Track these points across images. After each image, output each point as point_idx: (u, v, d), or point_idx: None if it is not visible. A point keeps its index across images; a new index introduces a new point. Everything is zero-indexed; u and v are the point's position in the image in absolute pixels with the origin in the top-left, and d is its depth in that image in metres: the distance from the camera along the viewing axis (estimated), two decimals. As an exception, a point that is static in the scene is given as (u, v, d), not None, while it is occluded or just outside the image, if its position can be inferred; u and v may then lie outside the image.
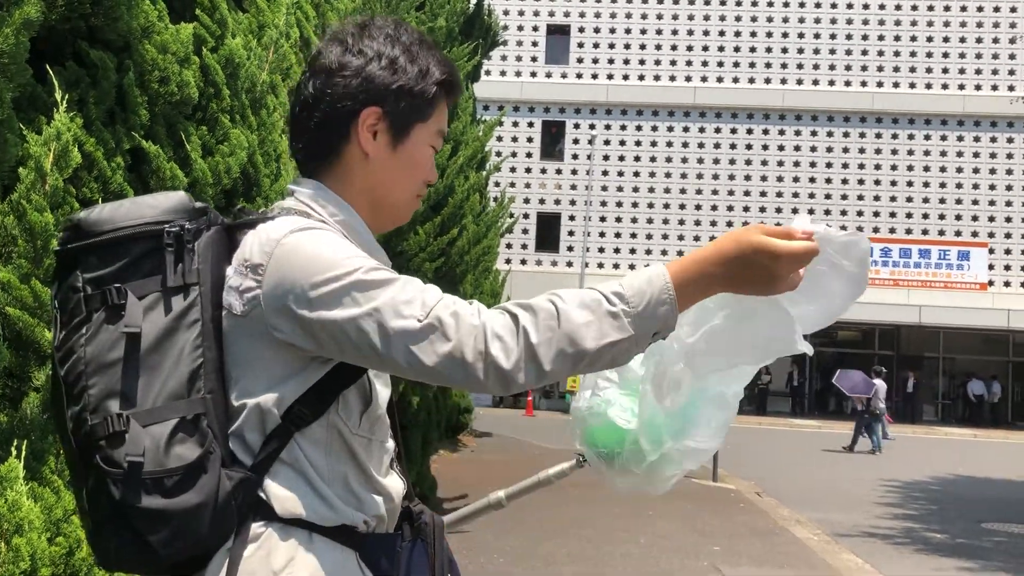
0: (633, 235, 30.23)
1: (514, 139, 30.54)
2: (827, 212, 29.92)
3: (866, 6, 30.28)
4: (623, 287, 1.21)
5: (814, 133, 30.23)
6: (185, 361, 1.23)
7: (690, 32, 30.71)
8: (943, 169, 29.79)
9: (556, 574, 6.34)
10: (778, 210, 30.02)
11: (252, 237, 1.29)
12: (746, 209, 30.08)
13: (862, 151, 30.08)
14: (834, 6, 30.41)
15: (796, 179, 30.10)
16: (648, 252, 30.10)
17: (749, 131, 30.35)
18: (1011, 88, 28.61)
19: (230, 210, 3.57)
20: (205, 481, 1.20)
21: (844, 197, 29.96)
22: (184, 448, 1.20)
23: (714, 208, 30.13)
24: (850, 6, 30.34)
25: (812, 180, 30.07)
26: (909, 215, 29.75)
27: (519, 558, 6.75)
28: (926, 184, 29.80)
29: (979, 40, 29.94)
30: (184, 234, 1.26)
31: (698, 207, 30.17)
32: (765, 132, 30.31)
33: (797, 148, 30.22)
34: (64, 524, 2.43)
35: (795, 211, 29.99)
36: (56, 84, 2.84)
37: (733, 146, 30.33)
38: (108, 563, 1.25)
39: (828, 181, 30.04)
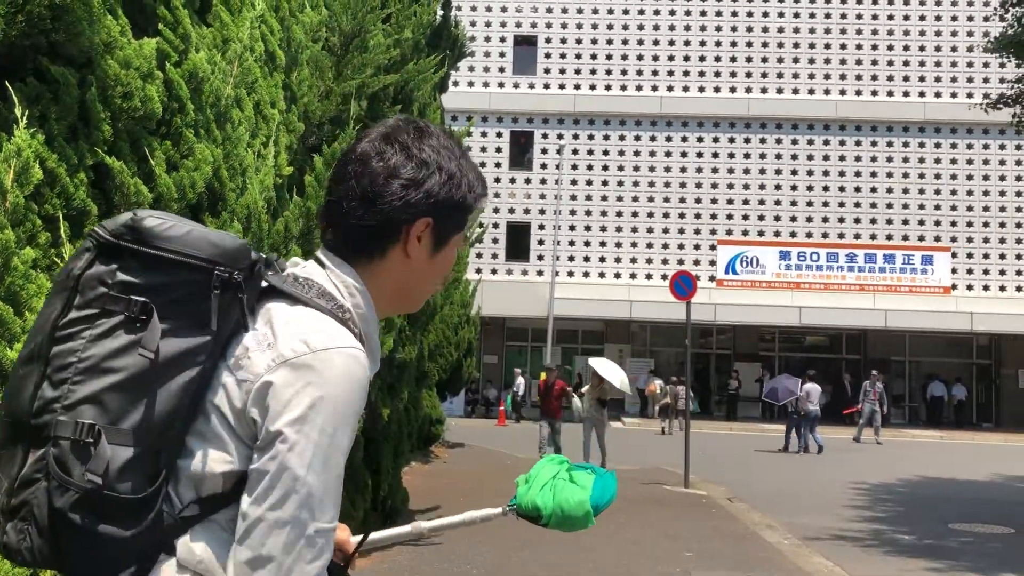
0: (602, 243, 30.37)
1: (483, 149, 30.59)
2: (792, 219, 30.27)
3: (828, 15, 30.74)
4: None
5: (779, 141, 30.61)
6: (175, 398, 1.22)
7: (656, 42, 30.99)
8: (905, 175, 30.28)
9: (529, 584, 6.34)
10: (744, 217, 30.32)
11: (283, 316, 1.28)
12: (713, 216, 30.35)
13: (827, 158, 30.50)
14: (797, 15, 30.85)
15: (762, 186, 30.43)
16: (617, 260, 30.25)
17: (715, 139, 30.66)
18: (969, 95, 29.15)
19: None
20: (147, 518, 1.19)
21: (810, 204, 30.34)
22: (137, 479, 1.19)
23: (682, 216, 30.36)
24: (812, 15, 30.80)
25: (778, 187, 30.42)
26: (873, 221, 30.18)
27: (493, 568, 6.74)
28: (889, 190, 30.26)
29: (938, 48, 30.52)
30: (236, 287, 1.26)
31: (666, 215, 30.39)
32: (731, 140, 30.63)
33: (763, 156, 30.57)
34: None
35: (761, 218, 30.35)
36: (16, 100, 2.82)
37: (700, 155, 30.62)
38: (7, 552, 1.21)
39: (794, 188, 30.40)
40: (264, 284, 1.32)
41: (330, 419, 1.20)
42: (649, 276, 29.95)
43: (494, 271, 29.94)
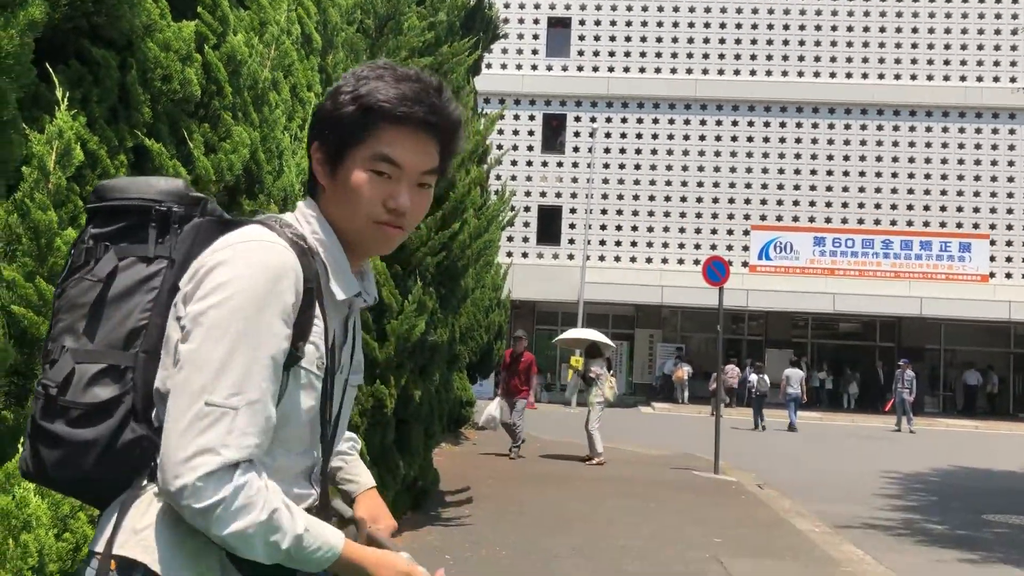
0: (634, 227, 30.23)
1: (515, 132, 30.51)
2: (828, 204, 29.91)
3: (867, -3, 30.23)
4: (309, 535, 1.30)
5: (815, 125, 30.20)
6: (132, 319, 1.38)
7: (691, 24, 30.65)
8: (944, 161, 29.76)
9: (558, 567, 6.37)
10: (779, 202, 30.01)
11: (227, 234, 1.40)
12: (747, 201, 30.07)
13: (863, 143, 30.05)
14: (835, -3, 30.36)
15: (797, 171, 30.08)
16: (649, 245, 30.10)
17: (750, 123, 30.31)
18: (1012, 79, 28.54)
19: (233, 208, 3.59)
20: (105, 424, 1.33)
21: (845, 189, 29.95)
22: (101, 390, 1.34)
23: (715, 201, 30.12)
24: (851, -3, 30.30)
25: (813, 172, 30.05)
26: (910, 207, 29.73)
27: (521, 552, 6.78)
28: (927, 176, 29.78)
29: (980, 31, 29.87)
30: (171, 215, 1.42)
31: (699, 199, 30.16)
32: (766, 125, 30.28)
33: (798, 140, 30.19)
34: (71, 520, 2.45)
35: (795, 203, 30.01)
36: (58, 83, 2.86)
37: (734, 138, 30.31)
38: (23, 471, 1.40)
39: (829, 173, 30.01)
40: (228, 218, 1.47)
41: (239, 299, 1.29)
42: (681, 261, 29.76)
43: (525, 255, 29.91)
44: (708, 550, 7.21)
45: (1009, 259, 29.23)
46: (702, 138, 30.36)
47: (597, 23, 30.93)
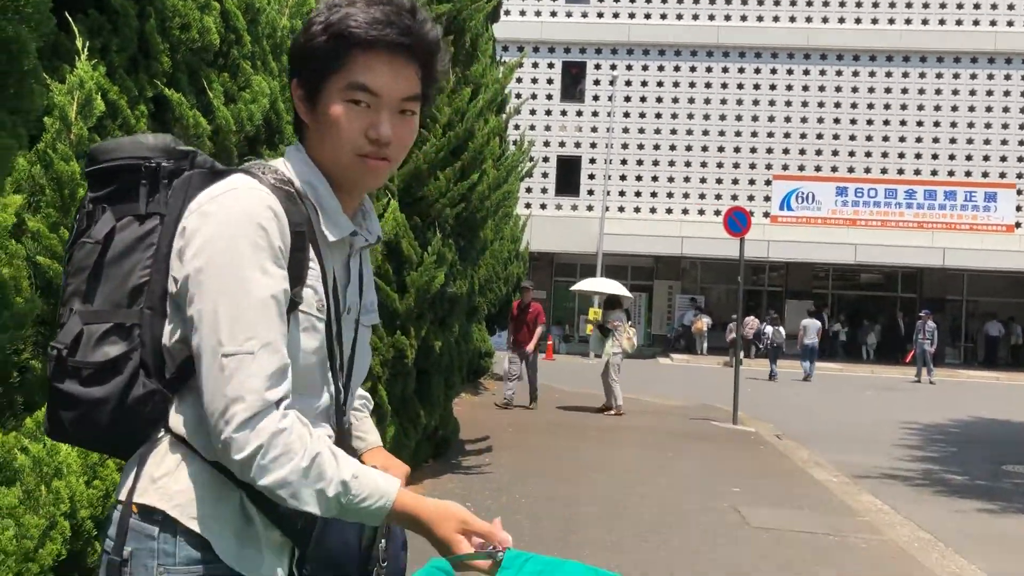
0: (654, 178, 29.98)
1: (534, 80, 30.17)
2: (851, 154, 29.50)
3: (896, -60, 29.42)
4: (358, 481, 1.30)
5: (839, 73, 29.65)
6: (133, 277, 1.39)
7: (714, -31, 30.01)
8: (971, 109, 29.20)
9: (577, 514, 6.44)
10: (801, 152, 29.63)
11: (213, 184, 1.40)
12: (769, 151, 29.71)
13: (888, 91, 29.51)
14: (863, -60, 29.57)
15: (820, 120, 29.63)
16: (669, 195, 29.87)
17: (773, 71, 29.81)
18: (1044, 24, 27.86)
19: (252, 157, 3.58)
20: (115, 381, 1.36)
21: (869, 139, 29.50)
22: (109, 348, 1.36)
23: (736, 150, 29.77)
24: (879, -60, 29.50)
25: (837, 121, 29.59)
26: (935, 156, 29.27)
27: (541, 500, 6.85)
28: (953, 124, 29.26)
29: (1012, -26, 29.07)
30: (161, 170, 1.42)
31: (720, 149, 29.82)
32: (789, 72, 29.76)
33: (821, 88, 29.68)
34: (100, 468, 2.49)
35: (818, 152, 29.62)
36: (77, 32, 2.84)
37: (756, 87, 29.83)
38: (47, 430, 1.44)
39: (853, 122, 29.54)
40: (218, 168, 1.46)
41: (228, 251, 1.30)
42: (702, 212, 29.55)
43: (543, 206, 29.78)
44: (726, 499, 7.27)
45: (1035, 209, 28.82)
46: (724, 86, 29.91)
47: (618, -32, 30.35)
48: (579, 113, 30.47)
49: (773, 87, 29.79)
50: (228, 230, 1.31)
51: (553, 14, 30.47)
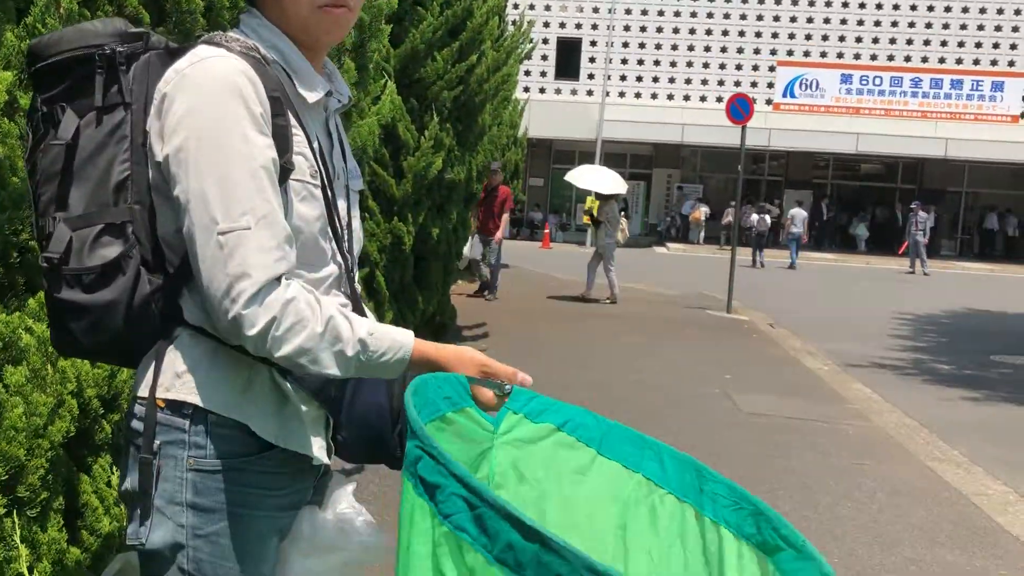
0: (656, 62, 29.31)
1: (534, -41, 29.13)
2: (857, 39, 28.79)
3: None
4: (374, 338, 1.30)
5: (851, -46, 28.64)
6: (113, 173, 1.33)
7: None
8: (984, -7, 28.36)
9: (573, 400, 6.56)
10: (807, 37, 28.90)
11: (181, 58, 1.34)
12: (774, 36, 28.97)
13: (900, -26, 28.58)
14: None
15: (828, 3, 28.79)
16: (671, 81, 29.28)
17: (782, -49, 28.77)
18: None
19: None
20: (121, 281, 1.32)
21: (877, 24, 28.73)
22: (106, 250, 1.32)
23: (741, 34, 29.03)
24: None
25: (845, 5, 28.76)
26: (944, 43, 28.59)
27: (537, 384, 6.96)
28: (965, 9, 28.45)
29: None
30: (116, 56, 1.34)
31: (724, 33, 29.07)
32: (799, -48, 28.73)
33: (832, -30, 28.73)
34: (104, 348, 2.51)
35: (824, 38, 28.89)
36: (60, -101, 2.70)
37: (764, -32, 28.85)
38: (55, 345, 1.42)
39: (862, 6, 28.71)
40: (173, 46, 1.40)
41: (207, 125, 1.26)
42: (703, 98, 29.04)
43: (542, 90, 29.21)
44: (718, 385, 7.42)
45: (1042, 99, 28.36)
46: (730, -33, 28.91)
47: None
48: (580, -6, 29.53)
49: (781, -32, 28.81)
50: (204, 101, 1.27)
51: None
